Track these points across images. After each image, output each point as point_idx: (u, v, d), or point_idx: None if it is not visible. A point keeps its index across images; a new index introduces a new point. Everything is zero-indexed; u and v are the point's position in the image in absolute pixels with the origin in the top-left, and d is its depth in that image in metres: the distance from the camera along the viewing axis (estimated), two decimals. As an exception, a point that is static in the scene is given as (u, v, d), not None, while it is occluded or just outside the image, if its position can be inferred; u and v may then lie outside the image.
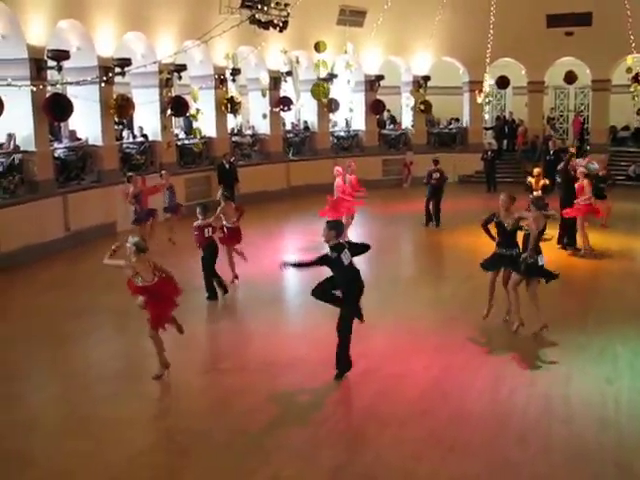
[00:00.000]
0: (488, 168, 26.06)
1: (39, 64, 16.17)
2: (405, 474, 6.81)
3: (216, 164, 22.13)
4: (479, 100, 26.38)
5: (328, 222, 9.06)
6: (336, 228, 8.99)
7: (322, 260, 8.92)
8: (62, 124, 19.54)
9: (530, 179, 16.74)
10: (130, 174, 16.89)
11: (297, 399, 8.52)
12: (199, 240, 12.50)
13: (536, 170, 17.09)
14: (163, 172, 17.89)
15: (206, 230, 12.40)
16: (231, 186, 21.53)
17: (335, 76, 26.15)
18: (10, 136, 16.34)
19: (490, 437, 7.43)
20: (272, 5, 20.66)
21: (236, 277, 13.53)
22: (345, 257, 8.69)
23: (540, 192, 16.15)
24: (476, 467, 6.88)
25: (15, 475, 7.05)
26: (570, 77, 28.06)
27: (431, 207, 18.55)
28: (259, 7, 20.54)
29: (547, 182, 16.71)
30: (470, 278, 14.26)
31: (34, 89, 15.87)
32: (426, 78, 28.09)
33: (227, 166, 21.55)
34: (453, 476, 6.76)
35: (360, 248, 9.34)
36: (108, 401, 8.55)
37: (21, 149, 16.44)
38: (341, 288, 8.93)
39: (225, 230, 13.33)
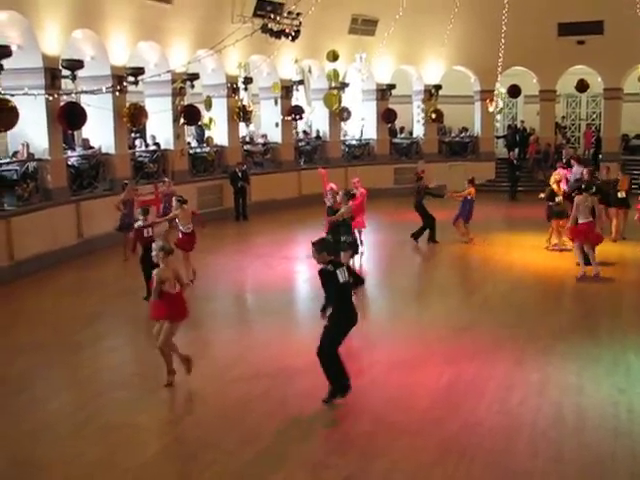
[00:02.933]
0: (512, 175, 26.09)
1: (54, 73, 16.32)
2: (417, 482, 6.82)
3: (229, 172, 22.29)
4: (490, 109, 26.45)
5: (314, 243, 8.42)
6: (326, 248, 8.50)
7: (320, 274, 8.46)
8: (75, 132, 19.70)
9: (553, 185, 16.53)
10: (125, 182, 17.00)
11: (308, 407, 8.52)
12: (138, 240, 13.09)
13: (555, 177, 16.92)
14: (165, 180, 18.05)
15: (145, 231, 12.91)
16: (243, 194, 21.85)
17: (347, 85, 26.23)
18: (24, 144, 16.47)
19: (501, 447, 7.41)
20: (284, 14, 20.79)
21: (192, 280, 13.54)
22: (341, 274, 8.21)
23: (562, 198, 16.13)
24: (487, 477, 6.87)
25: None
26: (582, 85, 28.04)
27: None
28: (271, 16, 20.69)
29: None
30: (480, 288, 14.31)
31: (50, 98, 16.01)
32: (437, 87, 28.13)
33: (240, 174, 21.85)
34: (464, 485, 6.76)
35: (355, 279, 8.93)
36: (121, 408, 8.58)
37: (35, 157, 16.56)
38: (332, 307, 8.42)
39: (180, 235, 13.86)
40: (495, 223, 22.23)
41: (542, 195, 16.82)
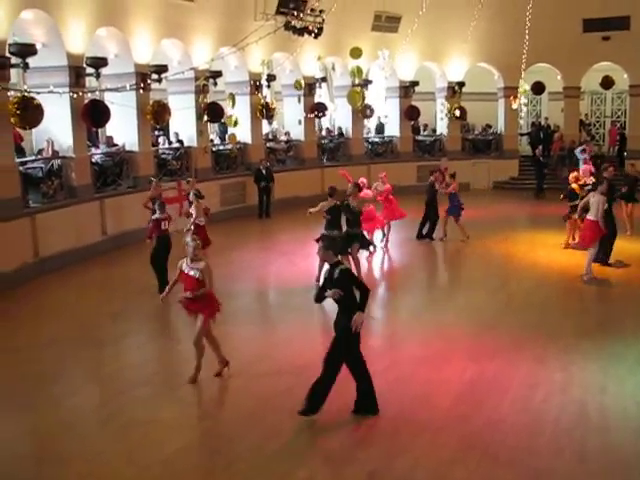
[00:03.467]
0: (540, 172, 25.91)
1: (78, 71, 16.42)
2: (440, 479, 6.79)
3: (253, 169, 22.42)
4: (514, 106, 26.27)
5: (320, 240, 8.39)
6: (332, 247, 8.46)
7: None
8: (99, 130, 19.83)
9: (574, 185, 16.41)
10: (151, 178, 17.10)
11: (331, 403, 8.51)
12: (154, 231, 13.31)
13: (573, 175, 16.84)
14: (190, 180, 18.08)
15: (163, 223, 13.23)
16: (267, 192, 21.87)
17: (370, 82, 26.19)
18: (49, 142, 16.61)
19: (524, 444, 7.39)
20: (307, 12, 20.78)
21: None
22: (336, 272, 7.99)
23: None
24: (510, 474, 6.86)
25: (52, 476, 7.15)
26: (607, 82, 27.75)
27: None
28: (294, 14, 20.68)
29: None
30: (504, 285, 14.25)
31: (74, 96, 16.13)
32: (461, 84, 28.00)
33: (264, 171, 21.95)
34: (487, 483, 6.74)
35: (360, 289, 8.15)
36: (144, 404, 8.64)
37: (60, 154, 16.70)
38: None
39: (192, 227, 14.04)
40: (519, 221, 22.12)
41: (562, 196, 16.75)
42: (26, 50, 14.48)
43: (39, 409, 8.68)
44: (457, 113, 27.88)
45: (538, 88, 27.99)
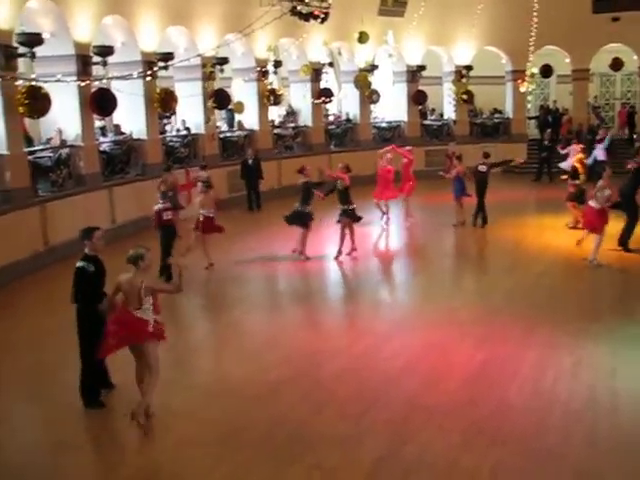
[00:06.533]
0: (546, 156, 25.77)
1: (85, 60, 16.44)
2: (448, 464, 6.82)
3: (241, 162, 21.60)
4: (522, 89, 26.13)
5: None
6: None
7: None
8: (107, 118, 19.85)
9: (576, 164, 16.48)
10: (169, 164, 17.17)
11: (339, 389, 8.58)
12: (157, 222, 13.47)
13: (578, 157, 16.89)
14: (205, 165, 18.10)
15: (164, 214, 13.28)
16: (255, 182, 21.44)
17: (376, 67, 26.08)
18: (58, 131, 16.65)
19: (534, 428, 7.41)
20: (313, -4, 20.70)
21: (211, 264, 14.25)
22: None
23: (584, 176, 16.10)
24: (519, 458, 6.87)
25: (67, 463, 7.23)
26: (616, 64, 27.54)
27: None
28: (300, -1, 20.61)
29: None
30: (513, 269, 14.23)
31: (82, 84, 16.16)
32: (468, 68, 27.85)
33: (250, 162, 21.16)
34: (496, 467, 6.75)
35: None
36: (156, 391, 8.64)
37: (68, 143, 16.74)
38: None
39: (201, 218, 14.08)
40: (527, 205, 22.06)
41: (564, 177, 16.81)
42: (33, 39, 14.48)
43: (51, 396, 8.76)
44: (464, 97, 27.76)
45: (546, 71, 27.80)
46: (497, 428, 7.41)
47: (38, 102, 14.46)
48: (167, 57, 18.81)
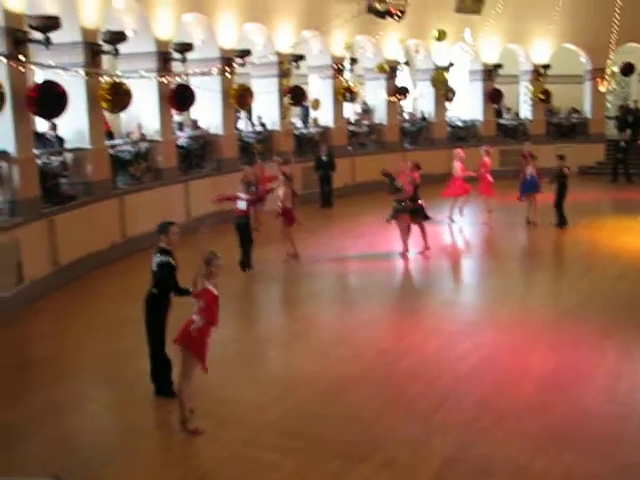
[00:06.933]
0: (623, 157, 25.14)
1: (165, 57, 16.84)
2: (519, 469, 6.74)
3: (315, 157, 21.80)
4: (601, 89, 25.52)
5: None
6: None
7: None
8: (184, 113, 20.25)
9: None
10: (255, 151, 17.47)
11: (409, 387, 8.58)
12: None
13: None
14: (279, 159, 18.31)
15: (239, 204, 13.67)
16: (328, 178, 21.56)
17: (452, 65, 25.86)
18: (138, 126, 17.09)
19: (609, 437, 7.26)
20: (390, -6, 20.67)
21: (295, 255, 14.60)
22: None
23: None
24: (593, 467, 6.74)
25: (135, 447, 7.45)
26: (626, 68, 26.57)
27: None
28: (377, -4, 20.62)
29: None
30: (589, 272, 13.95)
31: (164, 81, 16.56)
32: (546, 66, 27.34)
33: (324, 158, 21.28)
34: (569, 473, 6.64)
35: None
36: (226, 383, 8.81)
37: (147, 138, 17.16)
38: None
39: (281, 210, 14.45)
40: (603, 206, 21.58)
41: None
42: (117, 37, 14.88)
43: (127, 382, 9.04)
44: (541, 96, 27.28)
45: (627, 69, 27.03)
46: (570, 434, 7.30)
47: (120, 97, 14.86)
48: (245, 54, 19.07)
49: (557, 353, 9.47)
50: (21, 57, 12.10)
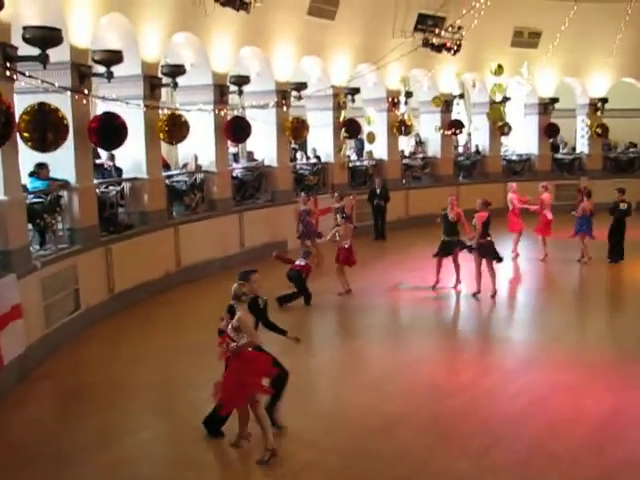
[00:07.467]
0: None
1: (222, 89, 17.10)
2: (574, 513, 6.59)
3: (370, 189, 21.79)
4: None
5: None
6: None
7: None
8: (240, 145, 20.51)
9: None
10: (305, 192, 17.69)
11: (461, 426, 8.45)
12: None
13: None
14: (336, 194, 18.47)
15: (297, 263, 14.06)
16: (381, 210, 21.39)
17: (509, 99, 25.71)
18: (194, 157, 17.36)
19: (667, 483, 7.05)
20: (446, 28, 20.69)
21: (348, 290, 14.67)
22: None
23: None
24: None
25: (191, 477, 7.44)
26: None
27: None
28: (433, 30, 20.66)
29: None
30: (648, 311, 13.61)
31: (221, 113, 16.83)
32: (603, 100, 27.01)
33: (378, 190, 21.24)
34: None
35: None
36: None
37: (203, 169, 17.40)
38: None
39: (340, 250, 14.57)
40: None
41: None
42: (176, 70, 15.20)
43: (177, 412, 9.07)
44: (599, 131, 26.92)
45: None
46: (627, 479, 7.09)
47: (177, 129, 15.17)
48: (300, 87, 19.27)
49: (614, 395, 9.22)
50: (84, 90, 12.43)
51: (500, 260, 14.43)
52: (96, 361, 11.24)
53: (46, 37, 10.91)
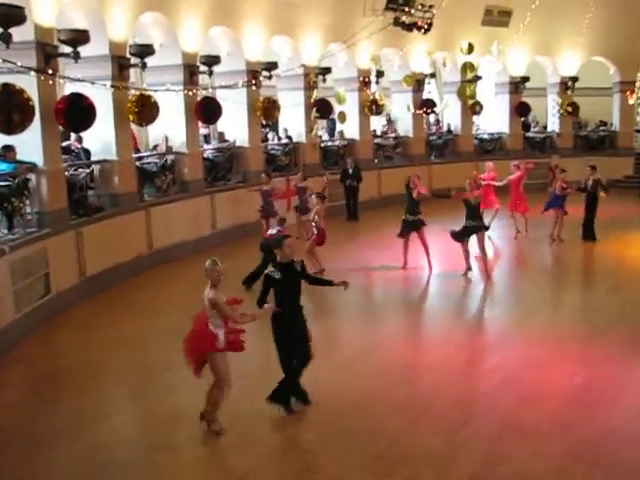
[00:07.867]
0: None
1: (192, 70, 16.93)
2: (545, 488, 6.67)
3: (342, 169, 21.81)
4: (631, 101, 25.29)
5: None
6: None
7: None
8: (211, 126, 20.35)
9: None
10: (267, 172, 17.58)
11: (434, 403, 8.49)
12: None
13: None
14: (299, 173, 18.44)
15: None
16: (353, 190, 21.46)
17: (480, 78, 25.75)
18: (164, 138, 17.19)
19: (637, 455, 7.13)
20: (417, 7, 20.63)
21: (321, 272, 14.12)
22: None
23: None
24: (621, 486, 6.64)
25: (162, 463, 7.40)
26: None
27: None
28: (404, 9, 20.59)
29: None
30: (619, 288, 13.76)
31: (190, 93, 16.65)
32: (574, 79, 27.15)
33: (350, 170, 21.30)
34: (597, 494, 6.55)
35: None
36: (248, 397, 8.61)
37: (173, 150, 17.25)
38: None
39: (315, 230, 14.38)
40: (632, 220, 21.29)
41: None
42: (145, 50, 15.01)
43: (152, 396, 9.00)
44: (569, 109, 27.08)
45: (657, 82, 26.80)
46: (598, 454, 7.16)
47: (147, 110, 14.99)
48: (271, 67, 19.12)
49: (585, 370, 9.33)
50: (50, 71, 12.21)
51: (487, 228, 14.58)
52: (69, 345, 11.16)
53: (8, 15, 10.72)
